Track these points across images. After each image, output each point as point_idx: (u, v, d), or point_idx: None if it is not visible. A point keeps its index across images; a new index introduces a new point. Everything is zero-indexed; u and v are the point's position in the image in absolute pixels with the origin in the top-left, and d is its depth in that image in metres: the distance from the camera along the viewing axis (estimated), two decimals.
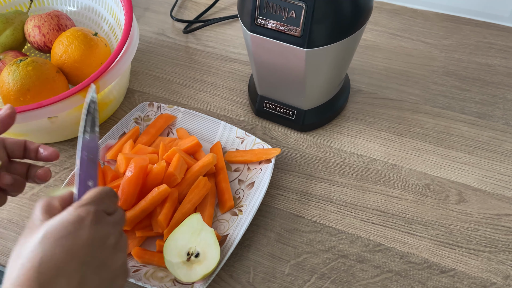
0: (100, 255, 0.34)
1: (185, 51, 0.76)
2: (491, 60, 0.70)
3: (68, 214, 0.33)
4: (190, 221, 0.49)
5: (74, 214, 0.33)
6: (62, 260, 0.32)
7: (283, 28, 0.49)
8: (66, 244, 0.32)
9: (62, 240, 0.32)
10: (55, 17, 0.65)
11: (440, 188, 0.56)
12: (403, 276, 0.49)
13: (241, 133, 0.60)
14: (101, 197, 0.36)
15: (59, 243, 0.32)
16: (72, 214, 0.33)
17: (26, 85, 0.56)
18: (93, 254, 0.33)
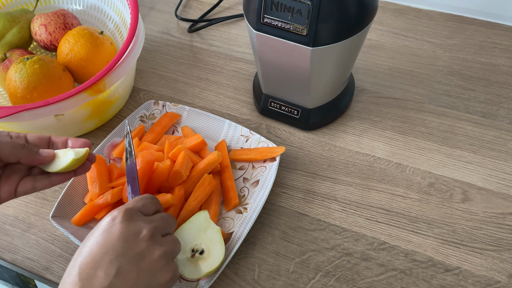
0: (134, 247, 0.37)
1: (190, 50, 0.76)
2: (495, 59, 0.70)
3: (108, 215, 0.39)
4: (197, 218, 0.49)
5: (110, 214, 0.39)
6: (98, 254, 0.36)
7: (289, 26, 0.50)
8: (101, 240, 0.37)
9: (98, 237, 0.37)
10: (61, 15, 0.66)
11: (444, 187, 0.56)
12: (408, 274, 0.49)
13: (245, 131, 0.60)
14: (137, 200, 0.41)
15: (95, 240, 0.37)
16: (109, 214, 0.39)
17: (33, 83, 0.56)
18: (127, 246, 0.37)
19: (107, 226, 0.38)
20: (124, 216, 0.38)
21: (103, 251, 0.36)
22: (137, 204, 0.41)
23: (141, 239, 0.38)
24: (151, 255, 0.38)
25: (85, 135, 0.65)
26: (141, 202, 0.41)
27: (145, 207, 0.41)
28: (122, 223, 0.38)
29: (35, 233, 0.55)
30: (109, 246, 0.36)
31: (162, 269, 0.38)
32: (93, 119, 0.62)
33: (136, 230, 0.38)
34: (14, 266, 0.53)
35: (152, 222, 0.40)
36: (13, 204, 0.58)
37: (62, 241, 0.54)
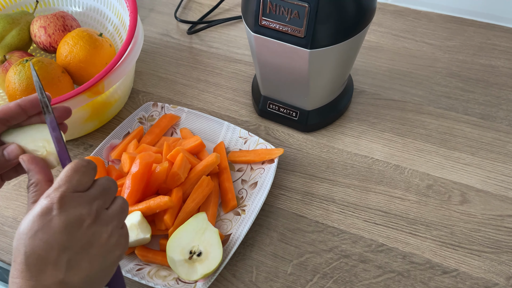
0: (80, 236, 0.34)
1: (189, 51, 0.76)
2: (494, 61, 0.70)
3: (38, 206, 0.34)
4: (195, 220, 0.49)
5: (41, 205, 0.34)
6: (43, 251, 0.33)
7: (287, 28, 0.50)
8: (42, 237, 0.33)
9: (38, 234, 0.33)
10: (61, 17, 0.66)
11: (443, 189, 0.56)
12: (406, 277, 0.49)
13: (244, 133, 0.60)
14: (67, 177, 0.35)
15: (36, 237, 0.33)
16: (40, 205, 0.34)
17: (32, 85, 0.56)
18: (72, 238, 0.34)
19: (43, 221, 0.33)
20: (61, 206, 0.34)
21: (48, 248, 0.33)
22: (71, 183, 0.35)
23: (86, 227, 0.34)
24: (100, 239, 0.35)
25: (84, 137, 0.65)
26: (76, 179, 0.35)
27: (81, 183, 0.35)
28: (61, 215, 0.33)
29: None
30: (54, 242, 0.33)
31: (114, 247, 0.36)
32: (92, 121, 0.62)
33: (78, 218, 0.34)
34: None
35: (92, 202, 0.35)
36: (12, 206, 0.58)
37: None
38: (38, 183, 0.37)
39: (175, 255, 0.47)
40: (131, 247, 0.50)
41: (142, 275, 0.48)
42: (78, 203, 0.35)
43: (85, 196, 0.35)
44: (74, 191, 0.35)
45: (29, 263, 0.33)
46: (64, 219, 0.34)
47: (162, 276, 0.49)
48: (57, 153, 0.39)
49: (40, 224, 0.33)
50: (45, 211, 0.34)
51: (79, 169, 0.35)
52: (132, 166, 0.50)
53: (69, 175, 0.35)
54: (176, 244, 0.48)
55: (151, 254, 0.50)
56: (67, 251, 0.34)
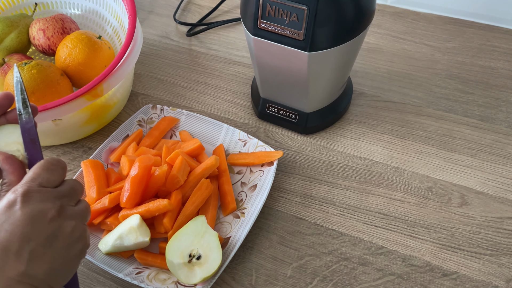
0: (44, 228, 0.35)
1: (188, 54, 0.76)
2: (494, 63, 0.70)
3: (5, 199, 0.35)
4: (194, 223, 0.49)
5: (7, 199, 0.35)
6: (7, 241, 0.34)
7: (286, 31, 0.50)
8: (7, 228, 0.34)
9: (4, 225, 0.34)
10: (60, 20, 0.66)
11: (442, 191, 0.56)
12: (405, 279, 0.49)
13: (243, 135, 0.60)
14: (35, 174, 0.36)
15: (1, 229, 0.34)
16: (7, 199, 0.35)
17: (31, 88, 0.56)
18: (36, 230, 0.35)
19: (8, 212, 0.34)
20: (24, 201, 0.35)
21: (12, 239, 0.34)
22: (38, 179, 0.36)
23: (50, 219, 0.35)
24: (64, 233, 0.36)
25: (83, 140, 0.65)
26: (43, 175, 0.36)
27: (48, 180, 0.36)
28: (24, 208, 0.34)
29: None
30: (17, 232, 0.34)
31: (77, 240, 0.37)
32: (91, 124, 0.62)
33: (42, 211, 0.35)
34: None
35: (58, 197, 0.36)
36: None
37: None
38: (10, 184, 0.38)
39: (174, 258, 0.47)
40: (130, 250, 0.50)
41: (141, 278, 0.48)
42: (44, 197, 0.36)
43: (52, 191, 0.36)
44: (40, 186, 0.36)
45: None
46: (27, 211, 0.34)
47: (161, 279, 0.49)
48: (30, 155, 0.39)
49: (5, 217, 0.34)
50: (10, 204, 0.35)
51: (48, 167, 0.37)
52: (131, 169, 0.50)
53: (37, 172, 0.36)
54: (176, 248, 0.48)
55: (150, 257, 0.50)
56: (30, 242, 0.34)
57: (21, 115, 0.40)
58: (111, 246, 0.49)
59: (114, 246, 0.49)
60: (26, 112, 0.40)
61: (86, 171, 0.54)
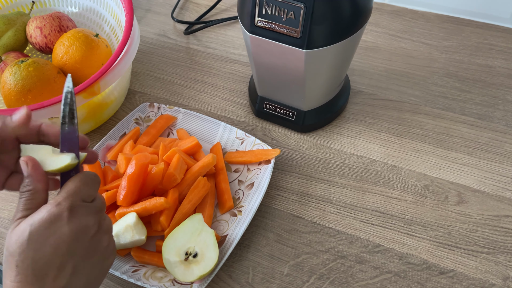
0: (85, 243, 0.36)
1: (186, 52, 0.76)
2: (491, 61, 0.70)
3: (47, 213, 0.35)
4: (191, 221, 0.49)
5: (51, 212, 0.35)
6: (51, 256, 0.35)
7: (283, 29, 0.50)
8: (52, 243, 0.35)
9: (48, 239, 0.34)
10: (57, 18, 0.66)
11: (439, 189, 0.56)
12: (402, 277, 0.49)
13: (241, 134, 0.60)
14: (77, 188, 0.37)
15: (45, 243, 0.34)
16: (50, 212, 0.35)
17: (27, 85, 0.56)
18: (78, 245, 0.36)
19: (54, 227, 0.35)
20: (70, 216, 0.35)
21: (57, 253, 0.35)
22: (80, 194, 0.37)
23: (92, 235, 0.37)
24: (101, 247, 0.38)
25: None
26: (84, 190, 0.37)
27: (88, 195, 0.38)
28: (70, 223, 0.35)
29: None
30: (61, 248, 0.35)
31: (110, 253, 0.39)
32: (88, 122, 0.62)
33: (84, 226, 0.36)
34: None
35: (97, 212, 0.38)
36: (8, 207, 0.57)
37: None
38: (36, 192, 0.37)
39: (171, 256, 0.47)
40: (127, 248, 0.50)
41: (138, 276, 0.48)
42: (86, 213, 0.37)
43: (92, 207, 0.38)
44: (82, 201, 0.37)
45: (35, 267, 0.34)
46: (73, 227, 0.35)
47: (158, 277, 0.49)
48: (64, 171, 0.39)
49: (51, 231, 0.35)
50: (56, 218, 0.35)
51: (87, 182, 0.38)
52: (128, 167, 0.50)
53: (78, 186, 0.37)
54: (172, 246, 0.48)
55: (147, 256, 0.50)
56: (74, 257, 0.36)
57: (65, 124, 0.38)
58: None
59: None
60: (72, 123, 0.39)
61: None
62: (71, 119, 0.39)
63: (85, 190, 0.37)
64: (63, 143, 0.38)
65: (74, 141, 0.39)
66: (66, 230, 0.35)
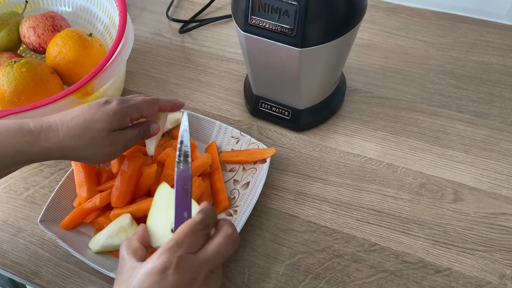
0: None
1: (181, 51, 0.76)
2: (488, 58, 0.70)
3: (152, 263, 0.34)
4: (159, 198, 0.44)
5: (158, 262, 0.34)
6: None
7: (277, 27, 0.49)
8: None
9: (154, 286, 0.34)
10: (50, 18, 0.65)
11: (436, 187, 0.56)
12: (398, 276, 0.49)
13: (236, 133, 0.59)
14: (186, 237, 0.36)
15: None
16: (156, 263, 0.34)
17: (20, 86, 0.56)
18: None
19: (157, 278, 0.34)
20: (177, 266, 0.34)
21: None
22: (188, 244, 0.35)
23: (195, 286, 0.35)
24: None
25: None
26: (192, 240, 0.36)
27: (196, 244, 0.36)
28: (175, 275, 0.34)
29: (24, 238, 0.54)
30: None
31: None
32: None
33: (189, 279, 0.35)
34: (2, 270, 0.52)
35: (204, 266, 0.35)
36: (2, 208, 0.57)
37: (50, 245, 0.53)
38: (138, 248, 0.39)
39: (160, 241, 0.42)
40: None
41: None
42: (192, 266, 0.35)
43: (199, 260, 0.35)
44: (189, 252, 0.35)
45: None
46: (178, 279, 0.34)
47: None
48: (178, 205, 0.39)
49: (156, 280, 0.34)
50: (162, 269, 0.34)
51: (196, 231, 0.36)
52: (121, 167, 0.50)
53: (187, 235, 0.36)
54: (155, 232, 0.43)
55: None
56: None
57: (180, 163, 0.40)
58: (101, 245, 0.48)
59: (104, 246, 0.48)
60: (186, 161, 0.40)
61: (77, 170, 0.54)
62: (186, 157, 0.41)
63: (193, 240, 0.36)
64: (177, 182, 0.39)
65: (187, 179, 0.40)
66: (170, 281, 0.34)
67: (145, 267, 0.34)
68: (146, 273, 0.34)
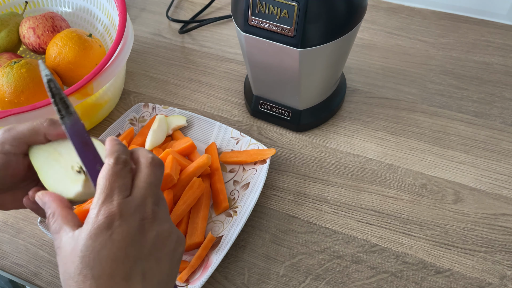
0: (144, 242, 0.32)
1: (181, 51, 0.75)
2: (488, 58, 0.70)
3: (94, 223, 0.31)
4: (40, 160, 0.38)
5: (99, 221, 0.31)
6: (114, 269, 0.31)
7: (276, 28, 0.49)
8: (107, 254, 0.31)
9: (102, 252, 0.31)
10: (50, 18, 0.65)
11: (436, 188, 0.56)
12: (399, 277, 0.49)
13: (236, 133, 0.59)
14: (113, 183, 0.32)
15: (100, 256, 0.31)
16: (98, 221, 0.31)
17: (20, 87, 0.56)
18: (138, 247, 0.32)
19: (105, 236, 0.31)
20: (122, 216, 0.31)
21: (118, 264, 0.31)
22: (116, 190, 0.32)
23: (148, 231, 0.32)
24: (163, 240, 0.33)
25: None
26: (120, 183, 0.32)
27: (126, 187, 0.32)
28: (122, 226, 0.31)
29: (23, 239, 0.54)
30: (122, 256, 0.31)
31: (176, 243, 0.34)
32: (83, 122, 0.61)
33: (139, 225, 0.32)
34: (2, 271, 0.52)
35: (145, 200, 0.33)
36: None
37: (50, 246, 0.53)
38: (55, 212, 0.34)
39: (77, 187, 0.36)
40: None
41: None
42: (134, 209, 0.32)
43: (137, 199, 0.32)
44: (124, 197, 0.32)
45: (99, 284, 0.30)
46: (125, 230, 0.31)
47: None
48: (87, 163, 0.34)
49: (102, 242, 0.31)
50: (107, 225, 0.31)
51: (118, 173, 0.32)
52: None
53: (113, 181, 0.32)
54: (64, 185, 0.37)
55: None
56: (138, 261, 0.32)
57: (64, 117, 0.34)
58: None
59: None
60: (68, 112, 0.34)
61: None
62: (66, 109, 0.34)
63: (121, 184, 0.32)
64: (73, 139, 0.34)
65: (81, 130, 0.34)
66: (117, 236, 0.31)
67: (87, 231, 0.31)
68: (91, 236, 0.31)
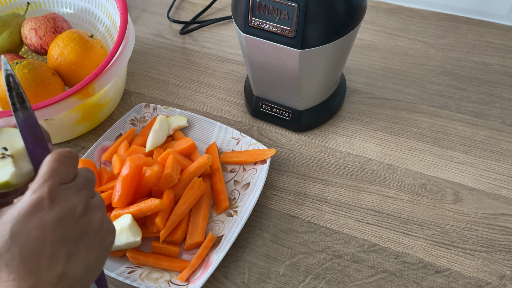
0: (74, 226, 0.34)
1: (182, 52, 0.76)
2: (488, 59, 0.70)
3: (25, 203, 0.32)
4: None
5: (29, 203, 0.32)
6: (40, 247, 0.32)
7: (276, 29, 0.49)
8: (36, 234, 0.32)
9: (32, 232, 0.32)
10: (52, 19, 0.66)
11: (435, 188, 0.56)
12: (398, 276, 0.49)
13: (236, 134, 0.60)
14: (52, 170, 0.33)
15: (30, 235, 0.32)
16: (27, 203, 0.32)
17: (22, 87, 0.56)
18: (66, 230, 0.33)
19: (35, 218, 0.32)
20: (50, 202, 0.32)
21: (45, 244, 0.32)
22: (56, 175, 0.33)
23: (79, 216, 0.34)
24: (94, 227, 0.35)
25: (76, 139, 0.64)
26: (61, 170, 0.34)
27: (67, 175, 0.34)
28: (52, 210, 0.32)
29: None
30: (50, 237, 0.32)
31: (106, 233, 0.36)
32: (84, 123, 0.62)
33: (68, 209, 0.33)
34: None
35: (80, 192, 0.34)
36: None
37: None
38: None
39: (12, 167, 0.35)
40: (122, 250, 0.50)
41: (133, 277, 0.48)
42: (68, 195, 0.34)
43: (73, 187, 0.34)
44: (61, 183, 0.34)
45: (25, 262, 0.32)
46: (56, 213, 0.33)
47: (153, 278, 0.48)
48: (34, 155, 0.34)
49: (33, 222, 0.32)
50: (35, 207, 0.32)
51: (63, 161, 0.34)
52: (122, 168, 0.50)
53: (54, 167, 0.33)
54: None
55: (142, 257, 0.50)
56: (64, 243, 0.33)
57: (17, 111, 0.34)
58: None
59: None
60: (24, 107, 0.34)
61: None
62: (22, 104, 0.35)
63: (62, 170, 0.34)
64: (23, 132, 0.34)
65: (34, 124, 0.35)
66: (48, 218, 0.32)
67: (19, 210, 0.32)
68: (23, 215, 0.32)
